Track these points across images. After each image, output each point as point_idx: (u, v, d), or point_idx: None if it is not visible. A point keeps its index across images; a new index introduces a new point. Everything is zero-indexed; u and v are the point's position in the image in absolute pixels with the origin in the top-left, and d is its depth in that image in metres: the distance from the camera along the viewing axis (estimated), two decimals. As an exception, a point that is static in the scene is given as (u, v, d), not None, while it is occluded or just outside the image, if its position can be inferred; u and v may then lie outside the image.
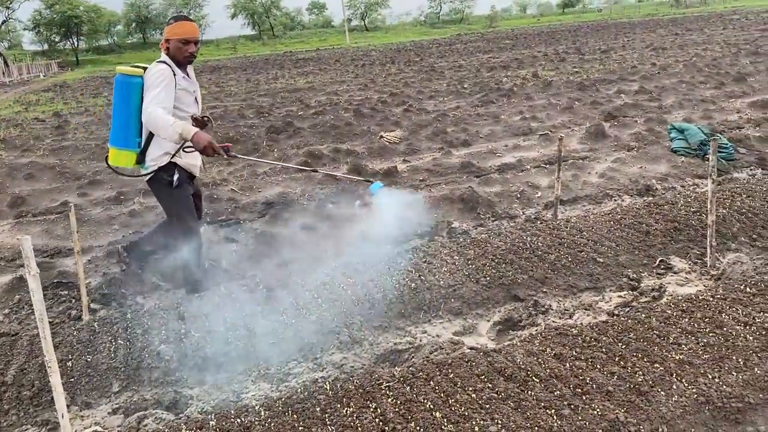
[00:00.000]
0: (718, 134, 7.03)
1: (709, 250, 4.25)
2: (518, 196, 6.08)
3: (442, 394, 2.76)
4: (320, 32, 70.21)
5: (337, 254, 5.00)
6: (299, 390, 2.94)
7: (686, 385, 2.73)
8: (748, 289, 3.49)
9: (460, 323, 3.80)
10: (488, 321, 3.81)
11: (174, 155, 3.92)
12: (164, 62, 3.84)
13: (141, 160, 3.98)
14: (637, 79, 13.15)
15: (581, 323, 3.50)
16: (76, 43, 59.59)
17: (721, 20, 36.20)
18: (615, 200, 5.94)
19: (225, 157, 3.82)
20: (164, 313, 3.82)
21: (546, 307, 3.89)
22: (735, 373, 2.78)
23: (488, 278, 4.10)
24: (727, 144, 6.76)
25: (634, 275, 4.17)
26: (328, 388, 2.90)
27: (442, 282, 4.06)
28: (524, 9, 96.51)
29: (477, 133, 9.37)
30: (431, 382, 2.86)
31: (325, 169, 4.73)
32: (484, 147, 8.44)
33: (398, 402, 2.72)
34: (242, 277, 4.64)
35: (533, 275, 4.13)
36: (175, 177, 3.96)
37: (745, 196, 5.19)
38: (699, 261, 4.35)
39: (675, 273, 4.22)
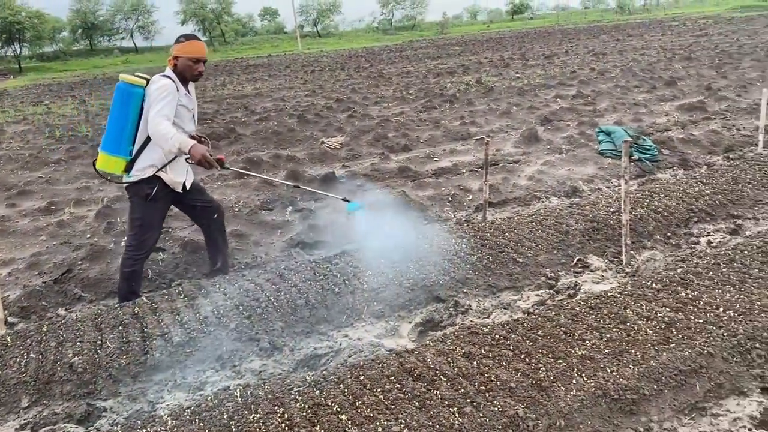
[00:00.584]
0: (644, 136, 7.28)
1: (624, 249, 4.41)
2: (450, 199, 6.18)
3: (350, 397, 2.79)
4: (272, 38, 69.73)
5: (266, 261, 4.99)
6: (210, 398, 2.93)
7: (586, 379, 2.82)
8: (654, 285, 3.64)
9: (383, 326, 3.84)
10: (410, 323, 3.87)
11: (161, 169, 4.03)
12: (169, 77, 3.97)
13: (129, 168, 4.05)
14: (576, 84, 13.51)
15: (493, 322, 3.59)
16: (18, 50, 57.68)
17: (661, 27, 37.44)
18: (542, 201, 6.10)
19: (219, 169, 4.05)
20: (81, 325, 3.75)
21: (466, 307, 3.97)
22: (632, 366, 2.89)
23: (411, 280, 4.15)
24: (651, 146, 7.02)
25: (552, 274, 4.29)
26: (238, 395, 2.90)
27: (365, 286, 4.09)
28: (474, 16, 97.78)
29: (417, 138, 9.47)
30: (341, 385, 2.88)
31: (306, 186, 4.81)
32: (423, 152, 8.54)
33: (306, 406, 2.74)
34: (167, 285, 4.58)
35: (455, 276, 4.21)
36: (154, 191, 4.04)
37: (662, 195, 5.39)
38: (615, 259, 4.51)
39: (592, 271, 4.36)
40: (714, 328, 3.10)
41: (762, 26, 28.87)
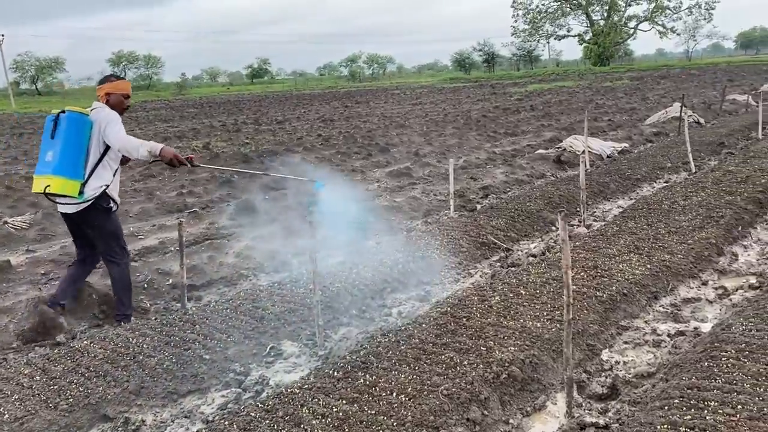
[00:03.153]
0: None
1: (317, 330, 4.29)
2: (145, 286, 5.59)
3: None
4: (-20, 96, 61.33)
5: None
6: None
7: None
8: (336, 373, 3.51)
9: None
10: (65, 454, 3.21)
11: (108, 187, 4.54)
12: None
13: (81, 190, 4.43)
14: (301, 151, 13.82)
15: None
16: None
17: (385, 95, 41.07)
18: (250, 280, 5.83)
19: (189, 166, 4.72)
20: None
21: (138, 423, 3.43)
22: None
23: (72, 399, 3.50)
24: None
25: (242, 369, 3.97)
26: None
27: (6, 416, 3.33)
28: (214, 78, 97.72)
29: (127, 212, 8.65)
30: None
31: (274, 173, 5.94)
32: (129, 228, 7.78)
33: None
34: None
35: (128, 387, 3.65)
36: (112, 204, 4.62)
37: (362, 267, 5.48)
38: (310, 341, 4.36)
39: (285, 359, 4.14)
40: (385, 418, 3.03)
41: (465, 96, 33.25)
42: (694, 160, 9.59)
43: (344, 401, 3.20)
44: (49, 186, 4.34)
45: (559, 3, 76.64)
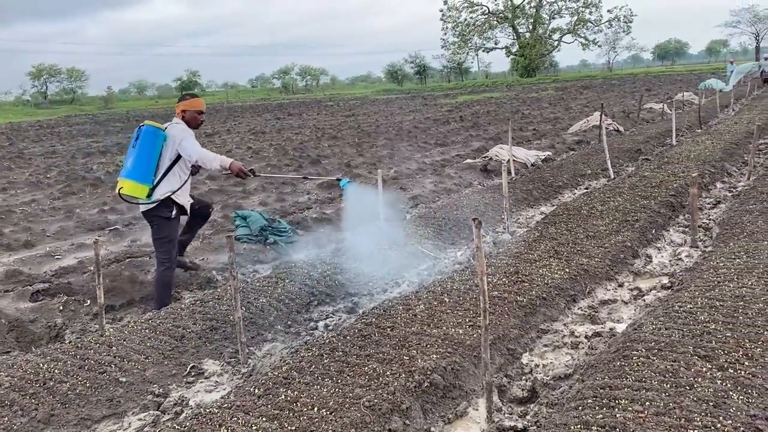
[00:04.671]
0: (278, 219, 7.43)
1: (240, 347, 4.20)
2: (61, 308, 5.35)
3: None
4: None
5: None
6: None
7: None
8: (256, 390, 3.44)
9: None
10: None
11: (174, 193, 5.16)
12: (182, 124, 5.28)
13: (149, 194, 5.07)
14: (229, 164, 13.57)
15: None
16: None
17: (318, 106, 40.99)
18: (172, 298, 5.66)
19: (252, 177, 5.50)
20: None
21: (47, 454, 3.27)
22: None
23: (-27, 433, 3.30)
24: (286, 227, 7.17)
25: (162, 390, 3.85)
26: None
27: None
28: (142, 91, 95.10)
29: (44, 231, 8.28)
30: None
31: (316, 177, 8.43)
32: (47, 248, 7.44)
33: None
34: None
35: (36, 416, 3.47)
36: (173, 212, 5.22)
37: (287, 281, 5.42)
38: (233, 359, 4.27)
39: (206, 378, 4.03)
40: (304, 434, 2.99)
41: (397, 108, 33.56)
42: (613, 167, 10.00)
43: (264, 419, 3.14)
44: (122, 188, 5.06)
45: (486, 16, 78.58)
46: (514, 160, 10.55)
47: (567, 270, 5.24)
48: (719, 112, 19.00)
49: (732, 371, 3.20)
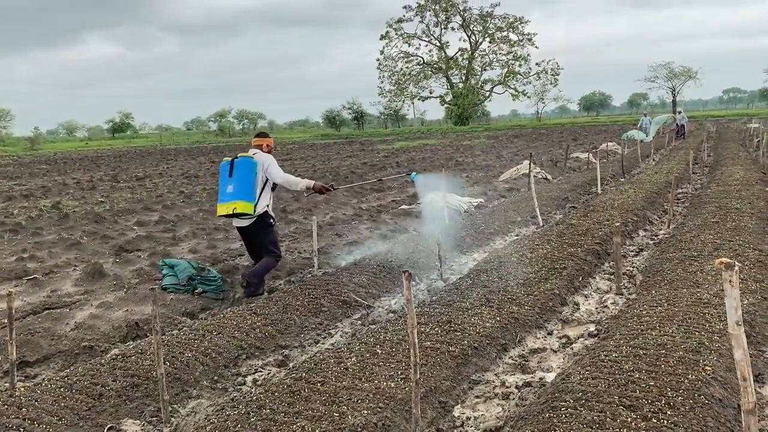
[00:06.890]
0: (208, 267, 7.24)
1: (162, 405, 4.00)
2: (-35, 367, 4.97)
3: None
4: None
5: None
6: None
7: None
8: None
9: None
10: None
11: (269, 206, 6.66)
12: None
13: (254, 209, 6.42)
14: (159, 209, 13.23)
15: None
16: None
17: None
18: (91, 354, 5.37)
19: (333, 190, 7.00)
20: None
21: None
22: None
23: None
24: (215, 276, 6.99)
25: (74, 455, 3.60)
26: None
27: None
28: (72, 132, 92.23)
29: (-47, 281, 7.75)
30: None
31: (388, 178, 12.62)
32: (-45, 300, 6.95)
33: None
34: None
35: (-71, 489, 3.17)
36: (272, 220, 6.72)
37: (215, 333, 5.24)
38: (155, 418, 4.06)
39: (124, 440, 3.81)
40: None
41: (335, 153, 33.75)
42: (542, 214, 10.30)
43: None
44: (236, 207, 6.29)
45: (421, 67, 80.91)
46: (448, 207, 10.72)
47: (498, 318, 5.29)
48: (641, 162, 20.01)
49: (655, 421, 3.26)
